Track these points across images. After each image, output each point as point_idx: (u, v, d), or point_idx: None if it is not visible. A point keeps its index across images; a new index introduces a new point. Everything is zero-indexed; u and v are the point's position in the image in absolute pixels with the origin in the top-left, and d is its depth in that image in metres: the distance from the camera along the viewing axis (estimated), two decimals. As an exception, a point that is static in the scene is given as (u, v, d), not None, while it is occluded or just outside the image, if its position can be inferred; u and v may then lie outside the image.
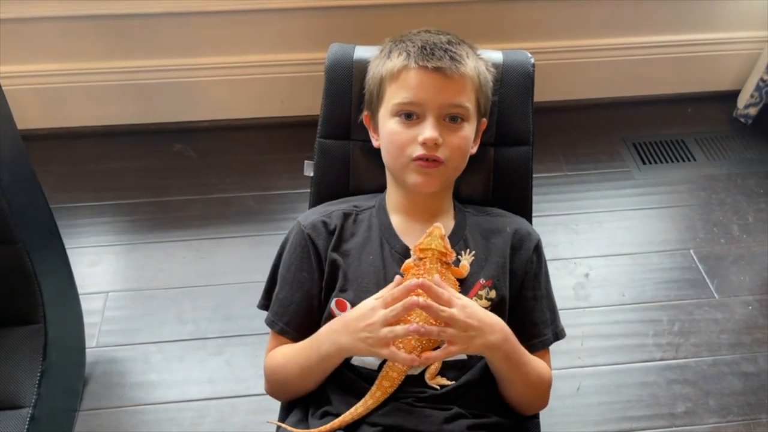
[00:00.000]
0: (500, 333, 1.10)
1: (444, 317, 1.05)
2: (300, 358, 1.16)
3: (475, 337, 1.06)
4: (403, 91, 1.17)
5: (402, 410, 1.11)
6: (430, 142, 1.14)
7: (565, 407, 1.79)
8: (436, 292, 1.06)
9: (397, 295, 1.06)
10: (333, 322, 1.14)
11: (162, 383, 1.84)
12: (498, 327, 1.10)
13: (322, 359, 1.13)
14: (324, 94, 1.35)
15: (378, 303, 1.08)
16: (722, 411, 1.80)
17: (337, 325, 1.11)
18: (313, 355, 1.14)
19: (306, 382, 1.17)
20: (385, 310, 1.06)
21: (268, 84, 2.53)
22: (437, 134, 1.15)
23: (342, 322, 1.11)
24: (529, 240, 1.24)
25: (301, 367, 1.16)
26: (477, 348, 1.08)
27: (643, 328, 1.98)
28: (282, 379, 1.20)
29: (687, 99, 2.75)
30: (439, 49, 1.16)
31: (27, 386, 1.41)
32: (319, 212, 1.26)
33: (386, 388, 1.11)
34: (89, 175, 2.42)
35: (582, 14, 2.51)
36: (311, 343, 1.15)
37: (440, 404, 1.12)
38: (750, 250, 2.20)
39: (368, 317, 1.07)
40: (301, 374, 1.16)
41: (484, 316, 1.08)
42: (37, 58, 2.39)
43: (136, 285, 2.08)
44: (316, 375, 1.16)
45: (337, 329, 1.11)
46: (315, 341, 1.15)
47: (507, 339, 1.11)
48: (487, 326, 1.08)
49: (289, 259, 1.22)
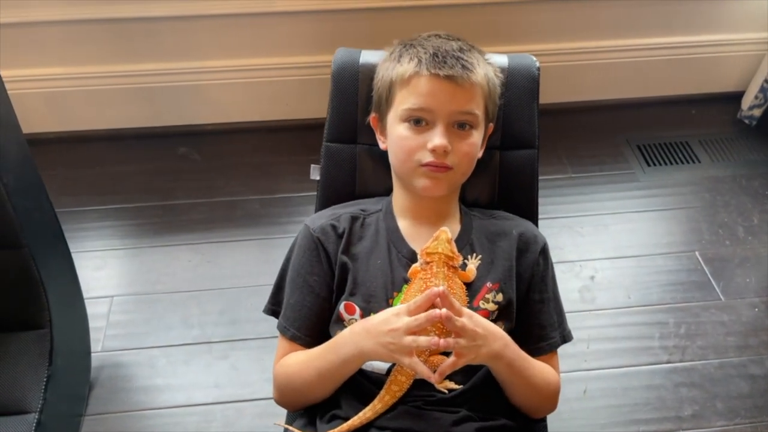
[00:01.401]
0: (501, 341, 1.11)
1: (457, 327, 1.05)
2: (318, 362, 1.15)
3: (482, 346, 1.07)
4: (414, 97, 1.17)
5: (410, 414, 1.11)
6: (440, 149, 1.15)
7: (572, 410, 1.79)
8: (450, 302, 1.05)
9: (420, 303, 1.06)
10: (355, 326, 1.14)
11: (167, 387, 1.84)
12: (499, 335, 1.11)
13: (342, 363, 1.12)
14: (330, 99, 1.36)
15: (402, 309, 1.07)
16: (729, 414, 1.79)
17: (359, 329, 1.11)
18: (332, 357, 1.13)
19: (324, 388, 1.17)
20: (409, 318, 1.05)
21: (273, 87, 2.53)
22: (446, 142, 1.15)
23: (364, 326, 1.11)
24: (535, 243, 1.24)
25: (319, 372, 1.15)
26: (483, 357, 1.08)
27: (649, 331, 1.98)
28: (298, 387, 1.19)
29: (691, 101, 2.75)
30: (451, 57, 1.16)
31: (33, 391, 1.41)
32: (327, 216, 1.26)
33: (395, 392, 1.11)
34: (94, 178, 2.42)
35: (586, 17, 2.51)
36: (331, 347, 1.15)
37: (448, 407, 1.13)
38: (756, 252, 2.20)
39: (391, 323, 1.07)
40: (319, 379, 1.16)
41: (487, 325, 1.09)
42: (43, 62, 2.39)
43: (142, 289, 2.08)
44: (335, 379, 1.15)
45: (360, 333, 1.11)
46: (334, 345, 1.14)
47: (508, 346, 1.12)
48: (491, 334, 1.09)
49: (298, 263, 1.22)
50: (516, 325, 1.20)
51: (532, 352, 1.20)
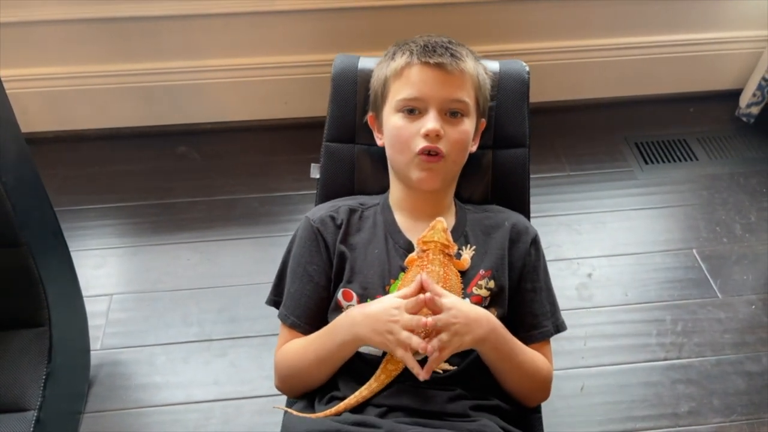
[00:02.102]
0: (487, 325, 1.13)
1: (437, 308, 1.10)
2: (315, 346, 1.19)
3: (465, 334, 1.11)
4: (407, 87, 1.23)
5: (406, 391, 1.15)
6: (432, 133, 1.20)
7: (569, 407, 1.79)
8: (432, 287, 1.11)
9: (409, 293, 1.12)
10: (352, 310, 1.18)
11: (167, 385, 1.84)
12: (485, 320, 1.14)
13: (338, 347, 1.16)
14: (330, 101, 1.43)
15: (402, 304, 1.11)
16: (726, 410, 1.80)
17: (356, 314, 1.15)
18: (329, 342, 1.18)
19: (321, 372, 1.20)
20: (408, 315, 1.10)
21: (271, 86, 2.53)
22: (439, 126, 1.21)
23: (362, 313, 1.14)
24: (526, 234, 1.29)
25: (317, 355, 1.19)
26: (468, 344, 1.12)
27: (647, 328, 1.99)
28: (297, 371, 1.23)
29: (689, 98, 2.75)
30: (440, 47, 1.24)
31: (32, 389, 1.42)
32: (327, 207, 1.31)
33: (391, 371, 1.15)
34: (93, 177, 2.42)
35: (584, 14, 2.51)
36: (328, 332, 1.19)
37: (444, 386, 1.16)
38: (753, 250, 2.20)
39: (392, 314, 1.11)
40: (317, 363, 1.19)
41: (469, 312, 1.13)
42: (42, 62, 2.40)
43: (141, 287, 2.08)
44: (332, 362, 1.19)
45: (357, 319, 1.14)
46: (331, 329, 1.18)
47: (494, 330, 1.15)
48: (474, 321, 1.12)
49: (299, 252, 1.27)
50: (509, 314, 1.24)
51: (525, 339, 1.23)
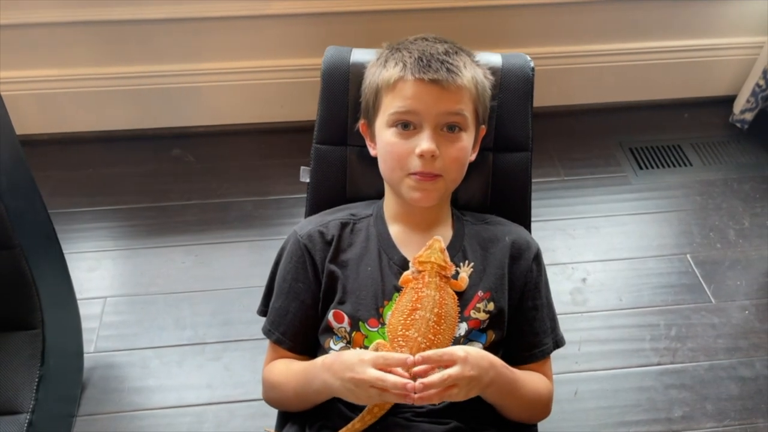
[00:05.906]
0: (492, 370, 1.06)
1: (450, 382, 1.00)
2: (295, 384, 1.16)
3: (474, 387, 1.04)
4: (399, 101, 1.14)
5: (399, 425, 1.10)
6: (427, 154, 1.12)
7: (563, 412, 1.79)
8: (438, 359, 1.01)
9: (390, 362, 1.02)
10: (326, 357, 1.11)
11: (160, 388, 1.84)
12: (488, 365, 1.06)
13: (314, 393, 1.13)
14: (320, 99, 1.33)
15: (369, 358, 1.02)
16: (719, 415, 1.80)
17: (330, 363, 1.08)
18: (306, 385, 1.14)
19: (302, 405, 1.19)
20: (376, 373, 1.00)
21: (267, 89, 2.53)
22: (434, 146, 1.12)
23: (335, 361, 1.07)
24: (528, 250, 1.22)
25: (296, 392, 1.16)
26: (475, 394, 1.05)
27: (640, 333, 1.99)
28: (278, 398, 1.22)
29: (683, 104, 2.76)
30: (436, 60, 1.13)
31: (25, 391, 1.41)
32: (316, 222, 1.24)
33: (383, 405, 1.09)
34: (88, 180, 2.42)
35: (579, 20, 2.52)
36: (306, 374, 1.14)
37: (438, 418, 1.12)
38: (746, 255, 2.21)
39: (356, 371, 1.02)
40: (296, 398, 1.17)
41: (480, 360, 1.04)
42: (36, 64, 2.39)
43: (135, 290, 2.08)
44: (311, 401, 1.16)
45: (329, 368, 1.07)
46: (310, 372, 1.13)
47: (497, 370, 1.08)
48: (483, 370, 1.04)
49: (285, 268, 1.21)
50: (508, 333, 1.19)
51: (525, 359, 1.19)
